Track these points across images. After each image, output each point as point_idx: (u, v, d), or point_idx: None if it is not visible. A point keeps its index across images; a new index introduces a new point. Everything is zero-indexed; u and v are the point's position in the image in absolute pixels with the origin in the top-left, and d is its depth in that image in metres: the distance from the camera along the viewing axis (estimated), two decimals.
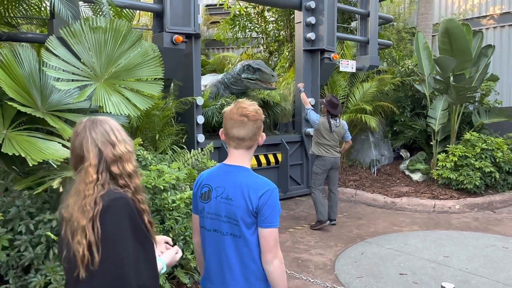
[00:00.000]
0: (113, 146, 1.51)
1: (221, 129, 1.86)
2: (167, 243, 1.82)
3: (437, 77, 7.16)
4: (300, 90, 6.39)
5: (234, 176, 1.80)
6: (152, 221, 1.58)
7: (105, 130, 1.52)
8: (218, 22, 11.40)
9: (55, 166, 3.00)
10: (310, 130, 7.00)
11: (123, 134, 1.57)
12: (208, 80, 7.40)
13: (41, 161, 2.75)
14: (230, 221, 1.77)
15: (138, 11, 6.38)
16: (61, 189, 2.91)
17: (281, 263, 1.77)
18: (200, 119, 5.91)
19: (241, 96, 7.13)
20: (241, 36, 10.42)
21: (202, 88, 7.01)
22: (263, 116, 1.86)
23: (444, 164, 7.05)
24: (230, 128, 1.79)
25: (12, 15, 4.27)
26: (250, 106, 1.79)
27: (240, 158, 1.83)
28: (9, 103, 2.99)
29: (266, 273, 1.78)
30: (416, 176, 7.85)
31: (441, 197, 6.81)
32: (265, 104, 7.34)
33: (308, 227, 5.69)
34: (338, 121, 5.64)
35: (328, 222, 5.64)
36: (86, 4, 4.90)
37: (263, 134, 1.87)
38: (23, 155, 2.70)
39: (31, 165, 2.71)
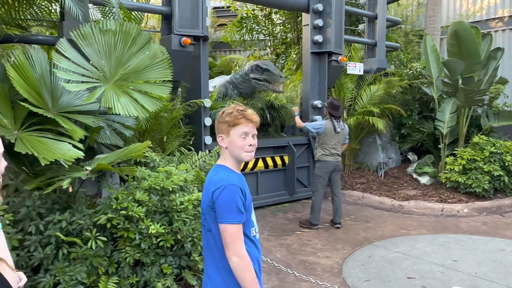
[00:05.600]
0: None
1: None
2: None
3: (446, 79, 7.11)
4: (295, 114, 6.41)
5: (209, 173, 1.92)
6: None
7: None
8: (226, 24, 11.46)
9: (66, 166, 3.03)
10: None
11: None
12: (217, 81, 7.44)
13: (53, 160, 2.78)
14: (205, 217, 1.89)
15: (146, 13, 6.41)
16: (70, 190, 2.94)
17: (241, 260, 1.73)
18: (208, 121, 5.92)
19: (249, 96, 7.15)
20: (248, 39, 10.46)
21: (212, 89, 7.03)
22: (226, 118, 1.84)
23: (452, 168, 7.00)
24: None
25: (23, 17, 4.30)
26: (227, 108, 1.89)
27: (221, 156, 1.94)
28: (22, 103, 3.02)
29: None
30: (424, 179, 7.80)
31: (449, 200, 6.75)
32: (271, 106, 7.35)
33: (316, 230, 5.67)
34: (341, 123, 5.70)
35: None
36: (96, 6, 4.94)
37: (221, 135, 1.88)
38: (35, 155, 2.73)
39: (43, 164, 2.74)
